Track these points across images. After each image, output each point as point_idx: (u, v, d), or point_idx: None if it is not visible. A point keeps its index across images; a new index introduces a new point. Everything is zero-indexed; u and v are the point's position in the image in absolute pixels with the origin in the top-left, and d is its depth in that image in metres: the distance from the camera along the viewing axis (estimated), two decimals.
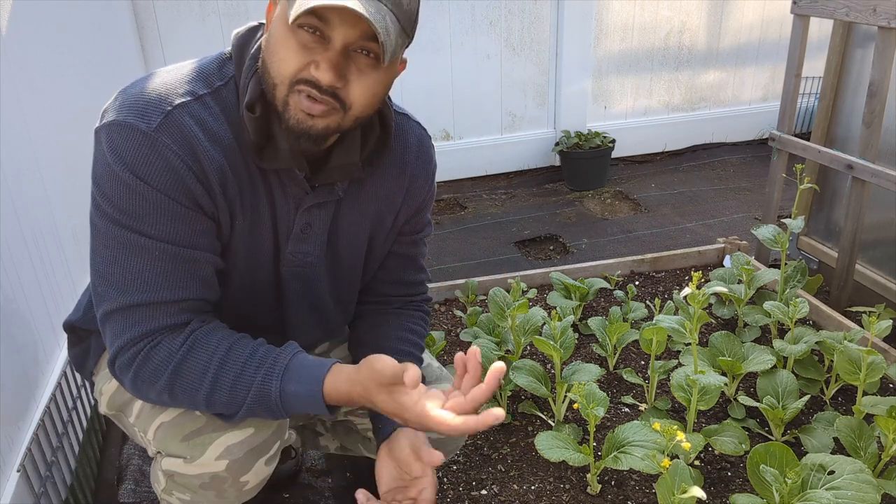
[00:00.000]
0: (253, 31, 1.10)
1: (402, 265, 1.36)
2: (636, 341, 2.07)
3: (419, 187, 1.29)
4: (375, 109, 1.08)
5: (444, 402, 1.00)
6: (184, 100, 1.02)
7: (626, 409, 1.82)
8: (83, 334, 1.30)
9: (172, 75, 1.05)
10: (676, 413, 1.78)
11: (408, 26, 1.00)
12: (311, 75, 0.97)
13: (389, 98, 1.17)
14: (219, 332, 1.07)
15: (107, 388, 1.24)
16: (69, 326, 1.31)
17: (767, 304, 1.90)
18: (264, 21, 1.09)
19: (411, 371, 0.99)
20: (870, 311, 1.91)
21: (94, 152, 1.03)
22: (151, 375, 1.03)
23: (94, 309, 1.06)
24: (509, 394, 1.84)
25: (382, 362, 1.00)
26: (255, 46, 1.07)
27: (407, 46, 1.04)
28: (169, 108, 1.00)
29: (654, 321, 1.66)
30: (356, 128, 1.10)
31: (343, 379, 1.04)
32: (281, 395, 1.04)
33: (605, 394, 1.55)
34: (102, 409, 1.27)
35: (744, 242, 2.50)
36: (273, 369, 1.04)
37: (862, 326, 1.88)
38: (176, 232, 1.02)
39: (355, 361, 1.31)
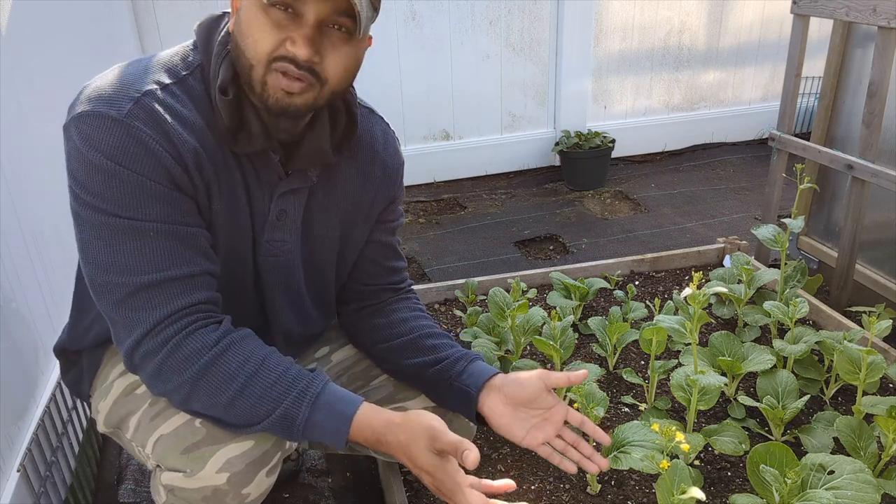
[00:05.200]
0: (217, 20, 1.11)
1: (383, 253, 1.39)
2: (636, 341, 2.07)
3: (392, 176, 1.32)
4: (349, 85, 1.11)
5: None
6: (151, 87, 1.02)
7: (626, 409, 1.82)
8: (74, 356, 1.29)
9: (135, 67, 1.06)
10: (676, 413, 1.78)
11: (376, 0, 1.03)
12: (288, 51, 0.99)
13: (353, 88, 1.19)
14: (252, 340, 1.08)
15: (103, 405, 1.22)
16: (59, 350, 1.30)
17: (767, 304, 1.90)
18: (228, 10, 1.11)
19: (474, 453, 1.03)
20: (870, 311, 1.91)
21: (65, 148, 1.02)
22: (180, 364, 1.02)
23: (99, 304, 1.05)
24: None
25: (444, 427, 1.07)
26: (223, 32, 1.08)
27: (374, 21, 1.06)
28: (137, 94, 1.00)
29: (654, 321, 1.66)
30: (325, 108, 1.12)
31: (380, 422, 1.07)
32: (305, 423, 1.05)
33: (605, 394, 1.55)
34: (100, 428, 1.25)
35: (744, 242, 2.50)
36: (304, 395, 1.05)
37: (862, 326, 1.88)
38: (164, 213, 1.01)
39: (385, 363, 1.37)
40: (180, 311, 1.02)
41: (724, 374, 1.77)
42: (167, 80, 1.05)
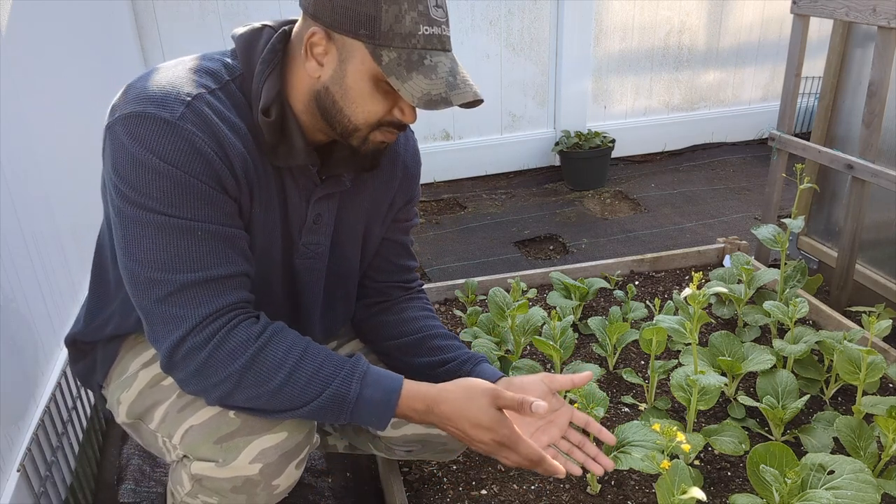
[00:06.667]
0: (258, 33, 1.12)
1: (397, 251, 1.42)
2: (636, 341, 2.07)
3: (412, 176, 1.35)
4: None
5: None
6: (200, 91, 1.04)
7: (626, 409, 1.82)
8: (86, 347, 1.30)
9: (181, 69, 1.07)
10: (676, 413, 1.78)
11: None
12: (396, 118, 1.09)
13: None
14: (290, 330, 1.11)
15: (125, 396, 1.22)
16: (70, 341, 1.30)
17: (767, 304, 1.90)
18: (267, 23, 1.13)
19: (542, 402, 1.09)
20: (870, 311, 1.91)
21: (109, 147, 1.03)
22: (227, 358, 1.03)
23: (136, 300, 1.05)
24: None
25: (500, 388, 1.12)
26: (267, 50, 1.10)
27: None
28: (189, 98, 1.02)
29: (654, 321, 1.66)
30: None
31: (431, 389, 1.10)
32: (357, 400, 1.07)
33: (605, 394, 1.55)
34: (121, 419, 1.25)
35: (744, 242, 2.50)
36: (353, 373, 1.08)
37: (862, 326, 1.88)
38: (210, 213, 1.04)
39: (391, 360, 1.40)
40: (223, 309, 1.04)
41: (723, 374, 1.77)
42: (213, 85, 1.07)
